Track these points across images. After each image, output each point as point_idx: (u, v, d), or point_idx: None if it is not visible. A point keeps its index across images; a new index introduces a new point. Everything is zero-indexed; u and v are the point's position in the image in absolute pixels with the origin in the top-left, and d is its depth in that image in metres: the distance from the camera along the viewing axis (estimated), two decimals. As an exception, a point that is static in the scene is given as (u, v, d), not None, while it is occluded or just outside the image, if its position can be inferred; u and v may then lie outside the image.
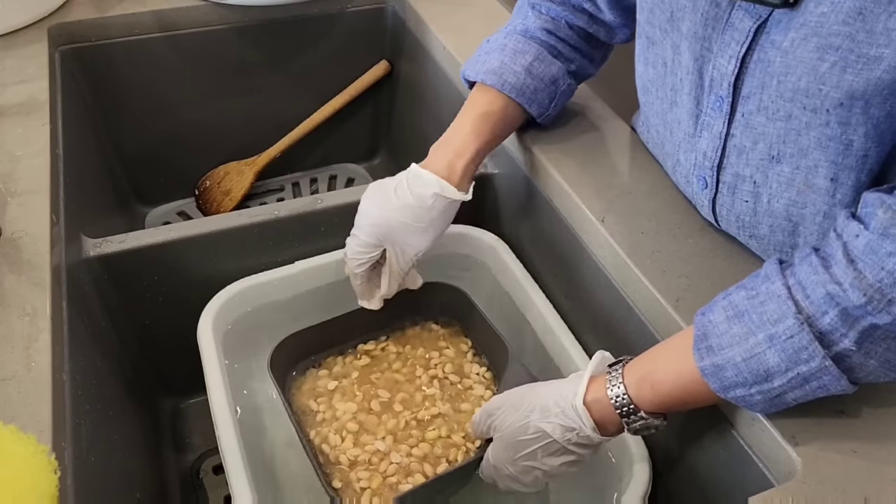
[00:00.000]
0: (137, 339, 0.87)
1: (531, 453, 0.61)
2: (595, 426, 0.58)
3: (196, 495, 0.88)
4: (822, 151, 0.56)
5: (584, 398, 0.58)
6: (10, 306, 0.63)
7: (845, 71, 0.51)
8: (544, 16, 0.79)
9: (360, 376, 0.79)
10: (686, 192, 0.72)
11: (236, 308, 0.80)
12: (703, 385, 0.54)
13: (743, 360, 0.51)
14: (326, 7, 1.16)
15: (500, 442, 0.64)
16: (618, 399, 0.57)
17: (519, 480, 0.64)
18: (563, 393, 0.60)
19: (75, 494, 0.54)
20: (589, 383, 0.59)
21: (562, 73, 0.78)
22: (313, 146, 1.28)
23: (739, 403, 0.54)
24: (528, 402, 0.62)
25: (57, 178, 0.78)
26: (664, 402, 0.56)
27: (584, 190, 0.76)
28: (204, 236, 0.82)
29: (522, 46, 0.77)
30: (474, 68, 0.78)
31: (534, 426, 0.60)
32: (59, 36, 1.02)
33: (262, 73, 1.18)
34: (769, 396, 0.52)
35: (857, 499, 0.51)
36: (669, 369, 0.56)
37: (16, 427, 0.53)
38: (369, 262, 0.73)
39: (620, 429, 0.59)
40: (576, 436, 0.59)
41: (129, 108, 1.13)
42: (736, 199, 0.64)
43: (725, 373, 0.52)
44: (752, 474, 0.57)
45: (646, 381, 0.56)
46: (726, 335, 0.52)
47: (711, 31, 0.60)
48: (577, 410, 0.58)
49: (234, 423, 0.68)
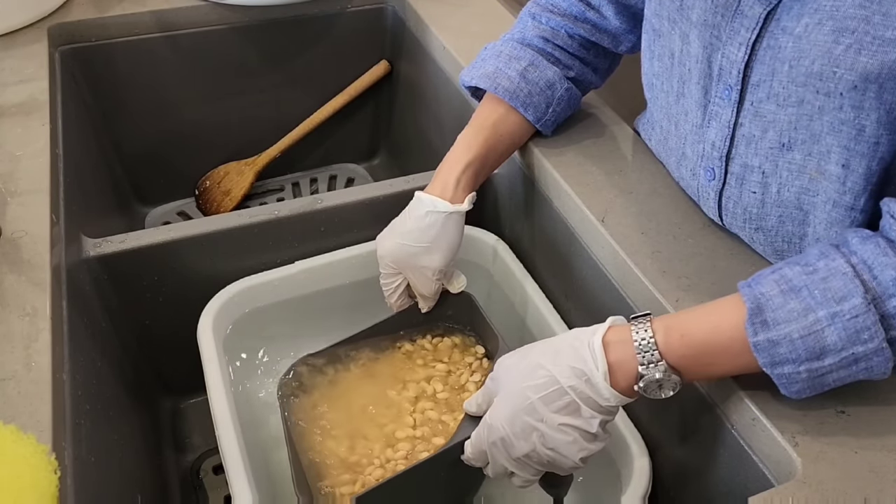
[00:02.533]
0: (137, 339, 0.87)
1: (532, 404, 0.56)
2: (608, 372, 0.54)
3: (196, 495, 0.88)
4: (835, 136, 0.56)
5: (602, 337, 0.55)
6: (10, 306, 0.63)
7: (860, 53, 0.51)
8: (543, 26, 0.79)
9: (359, 385, 0.77)
10: (691, 187, 0.72)
11: (236, 308, 0.80)
12: (738, 349, 0.52)
13: (800, 337, 0.50)
14: (326, 7, 1.16)
15: (502, 393, 0.59)
16: (642, 342, 0.54)
17: (511, 450, 0.58)
18: (580, 334, 0.56)
19: (75, 494, 0.54)
20: (609, 329, 0.56)
21: (558, 78, 0.78)
22: (313, 146, 1.28)
23: (780, 381, 0.52)
24: (538, 348, 0.58)
25: (57, 178, 0.78)
26: (690, 357, 0.53)
27: (584, 190, 0.76)
28: (204, 236, 0.82)
29: (518, 53, 0.78)
30: (470, 73, 0.80)
31: (541, 369, 0.56)
32: (59, 36, 1.02)
33: (262, 73, 1.18)
34: (814, 376, 0.51)
35: (857, 499, 0.50)
36: (704, 323, 0.53)
37: (16, 427, 0.53)
38: (396, 291, 0.76)
39: (632, 386, 0.54)
40: (584, 382, 0.54)
41: (129, 108, 1.13)
42: (744, 190, 0.64)
43: (779, 349, 0.51)
44: (752, 474, 0.57)
45: (675, 329, 0.54)
46: (782, 310, 0.50)
47: (721, 19, 0.61)
48: (593, 348, 0.54)
49: (234, 423, 0.68)
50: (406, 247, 0.72)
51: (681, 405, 0.64)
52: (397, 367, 0.80)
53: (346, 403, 0.76)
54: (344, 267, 0.84)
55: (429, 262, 0.72)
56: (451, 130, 0.79)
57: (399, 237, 0.73)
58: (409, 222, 0.72)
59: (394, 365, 0.80)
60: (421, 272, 0.73)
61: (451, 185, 0.72)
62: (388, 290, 0.76)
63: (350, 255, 0.85)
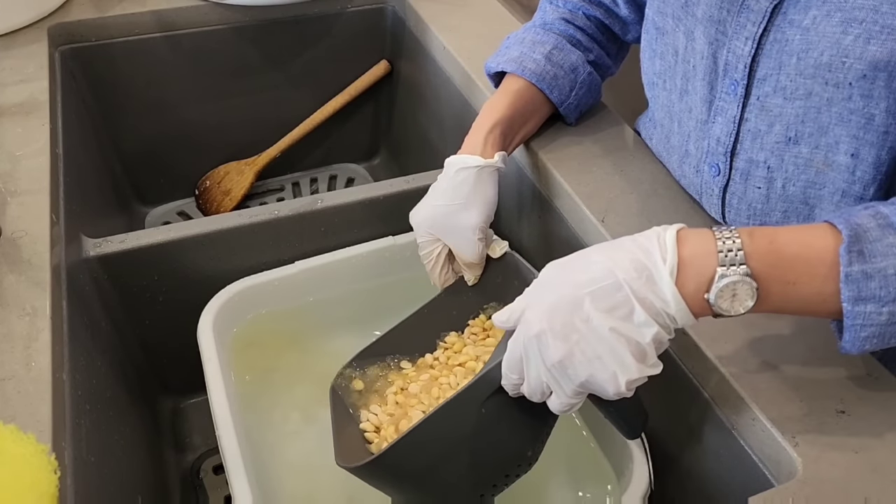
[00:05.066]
0: (137, 339, 0.87)
1: (579, 298, 0.48)
2: (676, 266, 0.47)
3: (196, 495, 0.88)
4: (844, 126, 0.56)
5: (677, 231, 0.48)
6: (10, 306, 0.63)
7: (869, 42, 0.52)
8: (562, 8, 0.82)
9: (403, 385, 0.72)
10: (693, 185, 0.72)
11: (236, 308, 0.80)
12: (825, 268, 0.47)
13: (895, 274, 0.47)
14: (326, 7, 1.16)
15: (543, 283, 0.51)
16: (726, 240, 0.47)
17: (547, 352, 0.49)
18: (647, 233, 0.49)
19: (75, 494, 0.54)
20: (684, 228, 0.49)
21: (581, 62, 0.80)
22: (313, 146, 1.28)
23: (854, 321, 0.48)
24: (596, 247, 0.51)
25: (57, 178, 0.78)
26: (776, 266, 0.48)
27: (584, 190, 0.76)
28: (204, 236, 0.82)
29: (541, 37, 0.79)
30: (495, 60, 0.81)
31: (594, 262, 0.49)
32: (59, 36, 1.02)
33: (262, 73, 1.18)
34: (892, 321, 0.47)
35: (857, 499, 0.50)
36: (795, 235, 0.49)
37: (16, 427, 0.53)
38: (437, 260, 0.74)
39: (702, 288, 0.47)
40: (645, 280, 0.47)
41: (129, 108, 1.13)
42: (749, 186, 0.65)
43: (871, 283, 0.47)
44: (752, 474, 0.57)
45: (763, 235, 0.48)
46: (880, 242, 0.47)
47: (727, 14, 0.61)
48: (664, 239, 0.48)
49: (235, 423, 0.68)
50: (440, 207, 0.71)
51: (681, 405, 0.64)
52: (445, 359, 0.73)
53: (392, 398, 0.71)
54: (344, 267, 0.84)
55: (467, 220, 0.70)
56: (451, 130, 0.79)
57: (434, 199, 0.72)
58: (441, 183, 0.72)
59: (440, 359, 0.73)
60: (461, 233, 0.70)
61: (479, 144, 0.72)
62: (429, 261, 0.74)
63: (350, 255, 0.85)
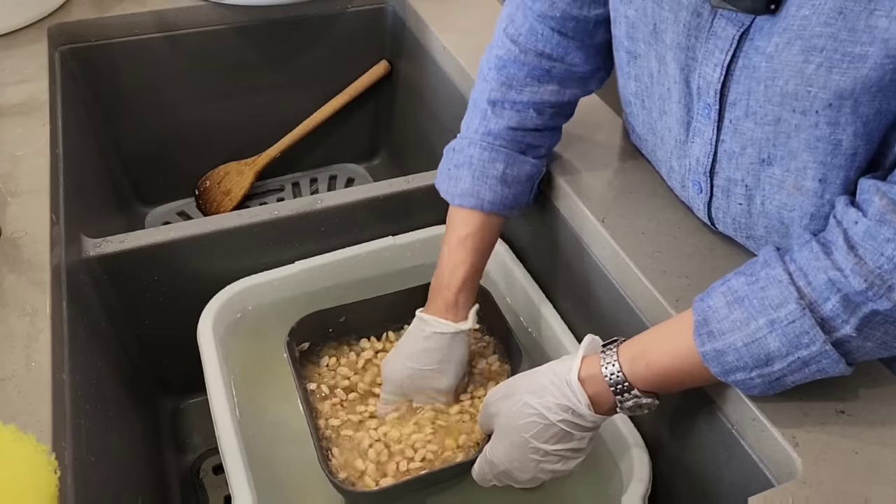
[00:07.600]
0: (137, 339, 0.87)
1: (527, 441, 0.61)
2: (590, 403, 0.58)
3: (196, 495, 0.88)
4: (811, 153, 0.56)
5: (578, 374, 0.59)
6: (10, 306, 0.63)
7: (831, 71, 0.50)
8: (508, 111, 0.73)
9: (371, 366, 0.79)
10: (682, 197, 0.72)
11: (236, 308, 0.80)
12: (699, 366, 0.55)
13: (744, 345, 0.52)
14: (326, 7, 1.16)
15: (497, 433, 0.64)
16: (612, 376, 0.57)
17: (515, 477, 0.64)
18: (557, 371, 0.60)
19: (75, 494, 0.54)
20: (582, 361, 0.59)
21: (536, 168, 0.76)
22: (313, 146, 1.28)
23: (739, 387, 0.55)
24: (523, 386, 0.62)
25: (57, 178, 0.78)
26: (658, 381, 0.57)
27: (584, 190, 0.76)
28: (204, 236, 0.82)
29: (490, 155, 0.73)
30: (448, 189, 0.74)
31: (529, 408, 0.60)
32: (59, 36, 1.02)
33: (262, 73, 1.18)
34: (769, 380, 0.53)
35: (857, 499, 0.51)
36: (665, 349, 0.56)
37: (16, 427, 0.53)
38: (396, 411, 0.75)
39: (614, 407, 0.59)
40: (571, 415, 0.59)
41: (129, 108, 1.13)
42: (731, 202, 0.64)
43: (726, 357, 0.53)
44: (752, 474, 0.57)
45: (640, 359, 0.57)
46: (727, 320, 0.53)
47: (695, 41, 0.59)
48: (572, 386, 0.58)
49: (234, 423, 0.68)
50: (414, 370, 0.72)
51: (681, 405, 0.64)
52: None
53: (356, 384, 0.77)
54: (344, 267, 0.85)
55: (438, 384, 0.73)
56: (452, 130, 0.79)
57: (406, 359, 0.72)
58: (415, 344, 0.72)
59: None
60: (431, 394, 0.74)
61: (451, 305, 0.72)
62: (387, 410, 0.75)
63: (350, 255, 0.85)
